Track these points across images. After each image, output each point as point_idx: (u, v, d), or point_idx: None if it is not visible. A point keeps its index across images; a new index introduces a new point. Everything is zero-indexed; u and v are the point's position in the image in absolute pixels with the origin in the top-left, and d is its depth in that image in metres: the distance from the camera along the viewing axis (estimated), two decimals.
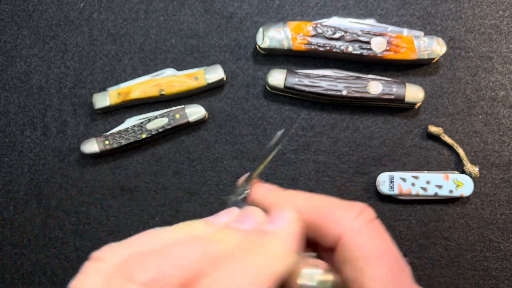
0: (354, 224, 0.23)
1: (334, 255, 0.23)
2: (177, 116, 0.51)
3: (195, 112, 0.51)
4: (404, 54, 0.50)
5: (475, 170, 0.49)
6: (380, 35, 0.50)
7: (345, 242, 0.23)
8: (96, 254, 0.19)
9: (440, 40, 0.50)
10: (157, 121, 0.51)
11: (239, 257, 0.20)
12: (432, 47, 0.50)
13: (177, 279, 0.18)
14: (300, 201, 0.24)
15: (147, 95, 0.51)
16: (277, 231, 0.22)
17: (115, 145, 0.50)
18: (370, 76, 0.51)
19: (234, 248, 0.20)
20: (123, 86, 0.52)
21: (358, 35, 0.50)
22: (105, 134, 0.51)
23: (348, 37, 0.50)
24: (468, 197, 0.50)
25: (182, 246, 0.19)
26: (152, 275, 0.18)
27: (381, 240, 0.23)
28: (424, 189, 0.49)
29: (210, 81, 0.51)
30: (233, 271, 0.19)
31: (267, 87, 0.52)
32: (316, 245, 0.25)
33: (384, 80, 0.50)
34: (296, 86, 0.50)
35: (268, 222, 0.23)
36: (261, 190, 0.26)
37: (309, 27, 0.50)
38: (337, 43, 0.50)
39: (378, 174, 0.50)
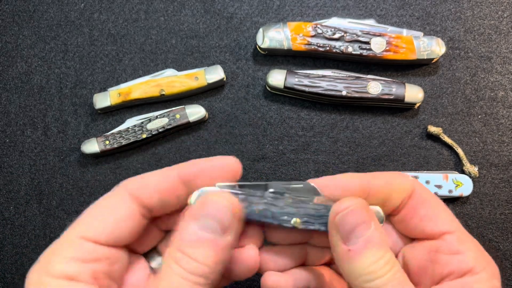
0: (415, 180, 0.31)
1: (409, 202, 0.30)
2: (178, 116, 0.51)
3: (195, 112, 0.51)
4: (404, 54, 0.50)
5: (474, 170, 0.49)
6: (379, 35, 0.50)
7: (418, 190, 0.30)
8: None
9: (439, 40, 0.51)
10: (158, 121, 0.51)
11: None
12: (432, 47, 0.50)
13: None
14: (375, 176, 0.31)
15: (148, 95, 0.51)
16: None
17: (115, 145, 0.51)
18: (369, 76, 0.51)
19: None
20: (124, 86, 0.52)
21: (358, 36, 0.50)
22: (105, 134, 0.51)
23: (347, 37, 0.50)
24: (467, 197, 0.50)
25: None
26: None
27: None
28: None
29: (210, 81, 0.51)
30: None
31: (267, 87, 0.52)
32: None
33: (384, 80, 0.50)
34: (296, 86, 0.50)
35: None
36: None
37: (309, 27, 0.51)
38: (337, 44, 0.50)
39: None
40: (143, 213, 0.29)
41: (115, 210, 0.28)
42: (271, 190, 0.30)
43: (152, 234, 0.32)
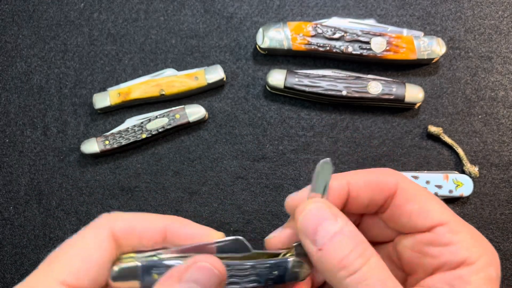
0: (399, 174, 0.30)
1: (394, 200, 0.29)
2: (177, 116, 0.51)
3: (195, 112, 0.51)
4: (404, 54, 0.50)
5: (474, 170, 0.49)
6: (380, 35, 0.50)
7: (403, 186, 0.29)
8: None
9: (439, 40, 0.50)
10: (157, 121, 0.51)
11: None
12: (432, 47, 0.50)
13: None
14: (354, 176, 0.30)
15: (147, 95, 0.51)
16: None
17: (115, 145, 0.50)
18: (370, 76, 0.51)
19: None
20: (123, 86, 0.52)
21: (358, 35, 0.50)
22: (105, 134, 0.51)
23: (348, 37, 0.50)
24: (467, 197, 0.50)
25: None
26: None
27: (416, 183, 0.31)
28: None
29: (210, 81, 0.51)
30: None
31: (267, 87, 0.52)
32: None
33: (384, 80, 0.50)
34: (296, 86, 0.50)
35: None
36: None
37: (309, 27, 0.50)
38: (337, 43, 0.50)
39: None
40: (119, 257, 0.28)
41: (97, 252, 0.26)
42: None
43: None
